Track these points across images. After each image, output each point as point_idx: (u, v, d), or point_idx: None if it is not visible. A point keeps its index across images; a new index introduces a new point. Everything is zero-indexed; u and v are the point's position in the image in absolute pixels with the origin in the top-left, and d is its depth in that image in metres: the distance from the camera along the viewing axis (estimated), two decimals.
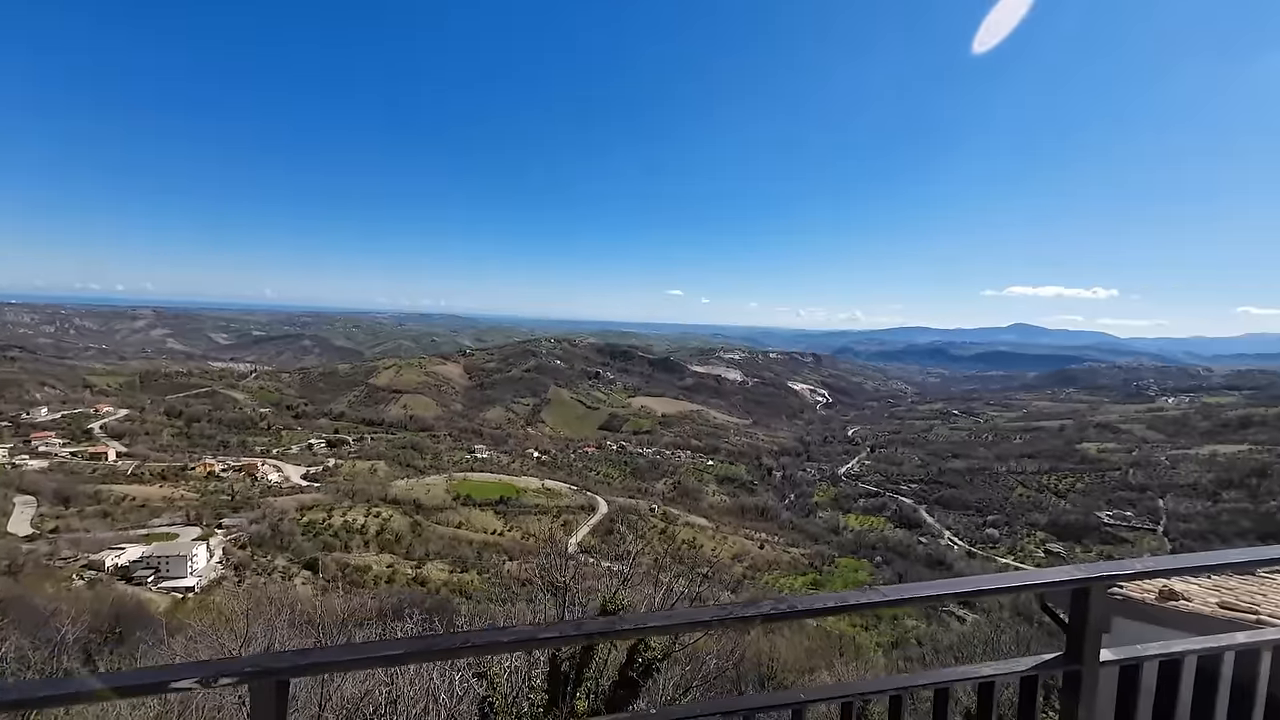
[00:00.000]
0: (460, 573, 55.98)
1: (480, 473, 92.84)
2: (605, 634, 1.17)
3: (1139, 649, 1.32)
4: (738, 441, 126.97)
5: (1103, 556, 67.23)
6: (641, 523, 73.81)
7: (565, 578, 10.11)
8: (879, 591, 1.16)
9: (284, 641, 8.73)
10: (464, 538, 66.35)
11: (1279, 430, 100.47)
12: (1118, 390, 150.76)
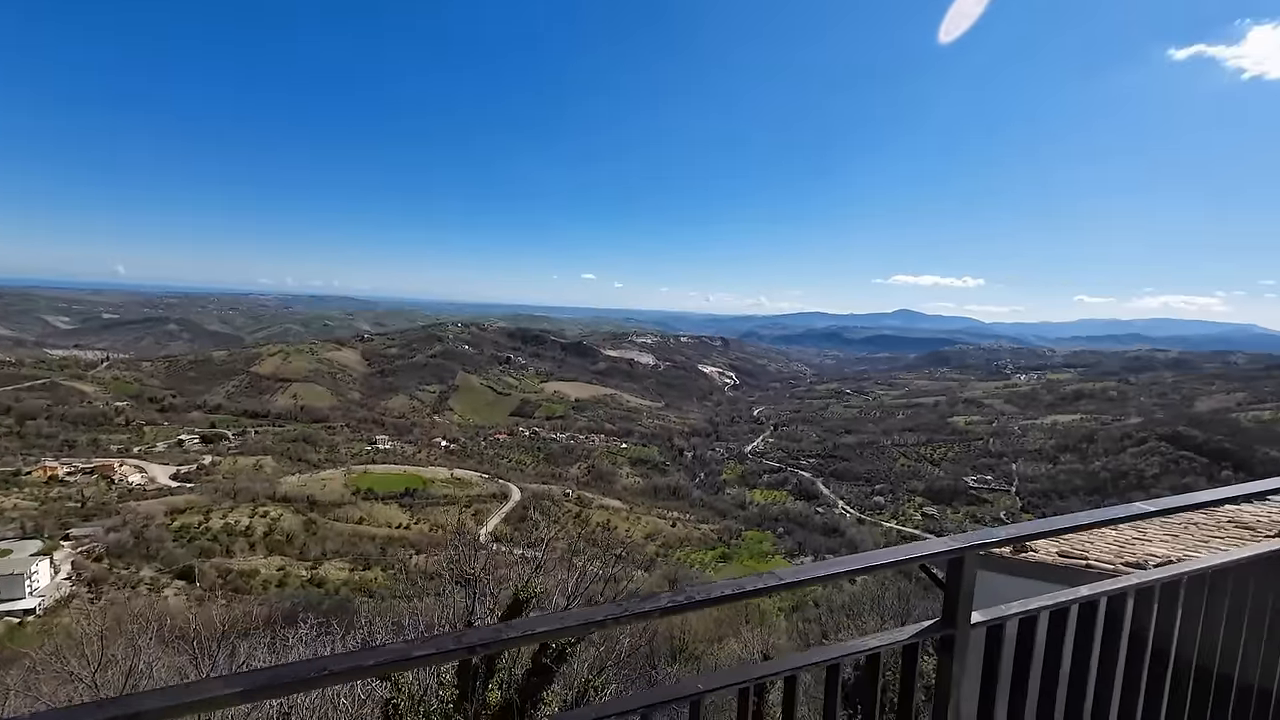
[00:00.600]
0: (362, 570, 52.94)
1: (383, 464, 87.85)
2: (489, 644, 1.07)
3: (1003, 609, 1.47)
4: (650, 424, 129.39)
5: (969, 516, 76.12)
6: (556, 508, 73.46)
7: (476, 569, 9.83)
8: (774, 575, 1.18)
9: (150, 662, 7.76)
10: (365, 533, 62.68)
11: (1105, 402, 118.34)
12: (982, 369, 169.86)
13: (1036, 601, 1.49)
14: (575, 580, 12.16)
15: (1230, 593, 1.65)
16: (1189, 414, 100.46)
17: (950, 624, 1.39)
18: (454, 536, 11.94)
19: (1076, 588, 1.45)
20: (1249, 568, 1.66)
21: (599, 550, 23.42)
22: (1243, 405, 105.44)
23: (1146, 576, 1.49)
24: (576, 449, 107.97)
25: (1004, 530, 1.41)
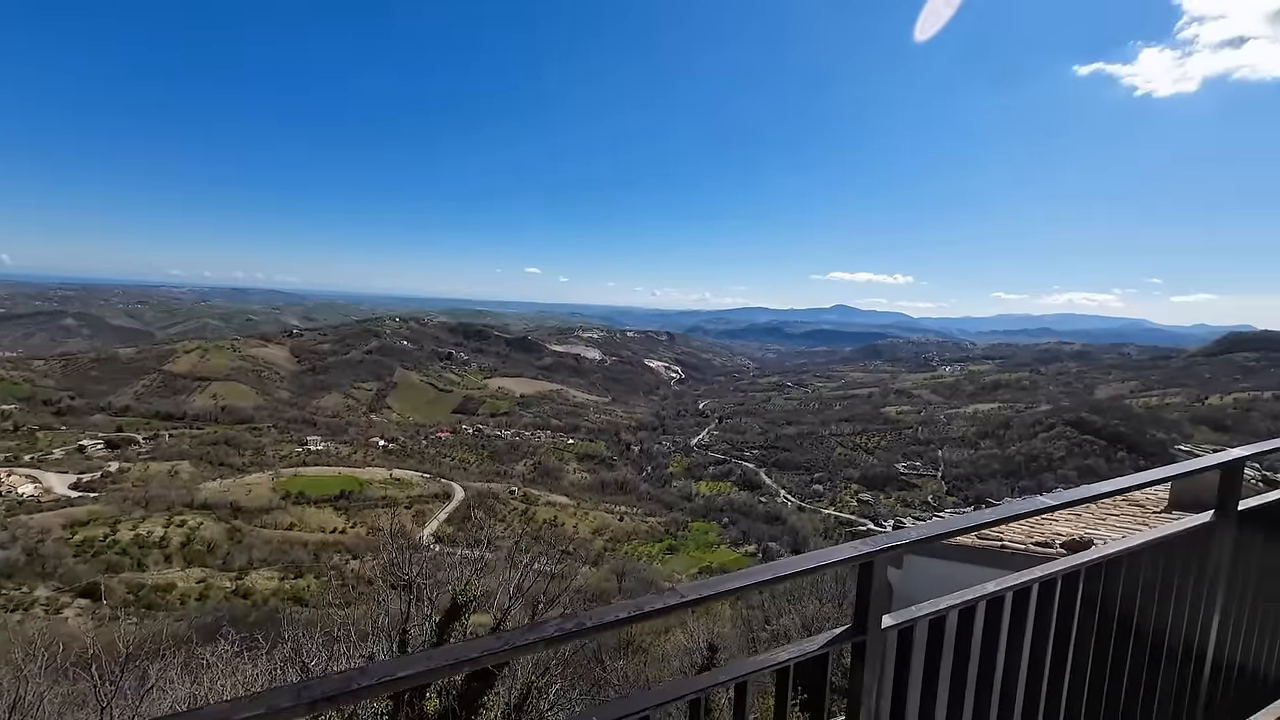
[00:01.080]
0: (293, 579, 50.17)
1: (315, 467, 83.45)
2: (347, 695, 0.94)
3: (914, 610, 1.47)
4: (597, 419, 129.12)
5: (900, 501, 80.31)
6: (501, 506, 72.18)
7: (414, 572, 9.51)
8: (676, 593, 1.11)
9: (41, 692, 7.02)
10: (296, 540, 59.44)
11: (1019, 391, 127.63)
12: (911, 362, 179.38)
13: (946, 601, 1.47)
14: (520, 578, 11.98)
15: (1124, 579, 1.78)
16: (1090, 401, 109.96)
17: (861, 630, 1.37)
18: (392, 539, 11.45)
19: (984, 584, 1.49)
20: (1140, 555, 1.80)
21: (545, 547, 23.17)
22: (1135, 393, 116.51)
23: (1051, 569, 1.58)
24: (522, 446, 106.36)
25: (914, 531, 1.41)
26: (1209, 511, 2.05)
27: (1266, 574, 2.25)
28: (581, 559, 52.45)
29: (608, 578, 46.55)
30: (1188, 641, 2.03)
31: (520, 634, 1.03)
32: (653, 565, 59.26)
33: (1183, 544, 1.93)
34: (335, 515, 67.80)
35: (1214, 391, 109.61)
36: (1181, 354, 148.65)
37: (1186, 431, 79.07)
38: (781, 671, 1.28)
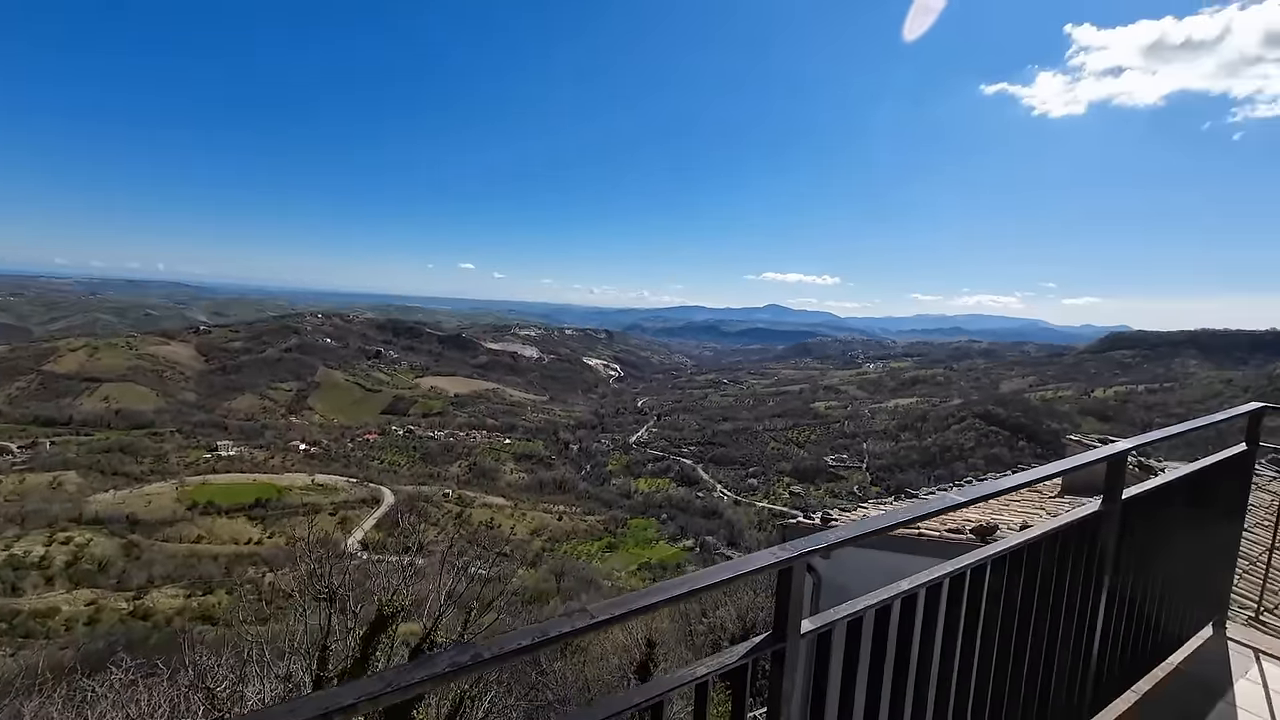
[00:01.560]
0: (202, 595, 46.37)
1: (227, 474, 77.44)
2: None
3: (832, 614, 1.46)
4: (535, 418, 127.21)
5: (828, 492, 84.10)
6: (434, 510, 69.78)
7: (337, 583, 9.00)
8: (586, 614, 1.03)
9: None
10: (205, 553, 54.99)
11: (934, 386, 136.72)
12: (838, 359, 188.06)
13: (863, 602, 1.49)
14: (453, 583, 11.59)
15: (1025, 567, 1.91)
16: (996, 395, 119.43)
17: (780, 637, 1.33)
18: (315, 549, 10.69)
19: (898, 583, 1.53)
20: (1039, 544, 1.93)
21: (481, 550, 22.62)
22: (1033, 387, 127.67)
23: (960, 563, 1.66)
24: (456, 446, 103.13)
25: (832, 535, 1.39)
26: (1098, 499, 2.24)
27: (1146, 554, 2.49)
28: (519, 560, 51.52)
29: (546, 578, 46.01)
30: (1080, 619, 2.20)
31: (405, 672, 0.89)
32: (592, 564, 59.12)
33: (1076, 531, 2.09)
34: (250, 525, 63.21)
35: (1098, 385, 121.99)
36: (1071, 352, 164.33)
37: (1076, 422, 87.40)
38: (700, 687, 1.24)
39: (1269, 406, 3.04)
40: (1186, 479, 2.64)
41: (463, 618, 10.72)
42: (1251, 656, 3.04)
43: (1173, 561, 2.72)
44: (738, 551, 57.19)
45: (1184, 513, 2.70)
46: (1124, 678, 2.62)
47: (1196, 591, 3.02)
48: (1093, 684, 2.33)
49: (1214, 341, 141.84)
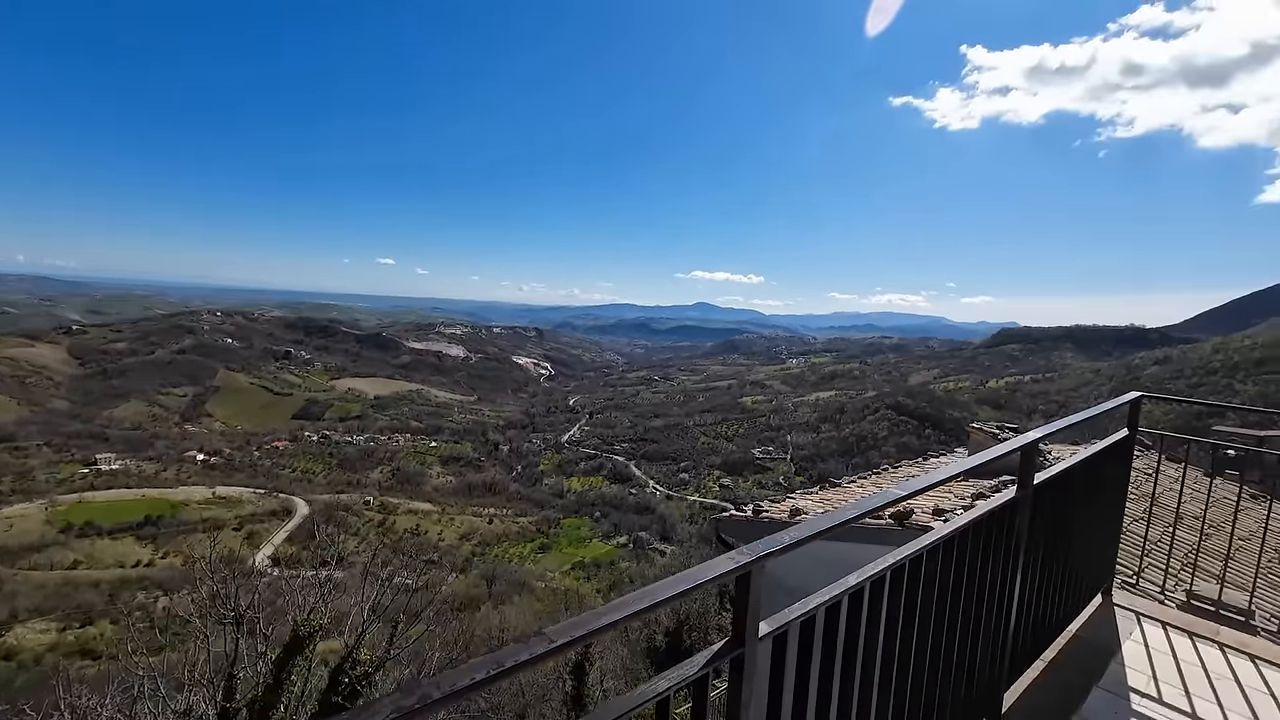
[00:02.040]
0: (79, 628, 41.38)
1: (109, 490, 69.50)
2: None
3: (786, 614, 1.46)
4: (463, 419, 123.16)
5: (756, 484, 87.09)
6: (354, 519, 66.04)
7: (245, 604, 8.29)
8: (544, 638, 0.94)
9: None
10: (83, 580, 49.12)
11: (851, 380, 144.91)
12: (764, 355, 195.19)
13: (814, 600, 1.51)
14: (377, 595, 10.99)
15: (955, 554, 2.02)
16: (905, 387, 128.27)
17: (739, 643, 1.31)
18: (215, 568, 9.72)
19: (845, 578, 1.58)
20: (967, 532, 2.05)
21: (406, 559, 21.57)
22: (937, 379, 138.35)
23: (900, 555, 1.73)
24: (378, 451, 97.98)
25: (788, 534, 1.39)
26: (1013, 486, 2.41)
27: (1053, 534, 2.72)
28: (448, 567, 49.78)
29: (477, 584, 44.76)
30: (999, 597, 2.37)
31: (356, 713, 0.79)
32: (525, 565, 58.09)
33: (997, 517, 2.25)
34: (139, 546, 57.11)
35: (992, 377, 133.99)
36: (969, 346, 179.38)
37: (974, 411, 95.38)
38: (661, 703, 1.19)
39: (1145, 395, 3.41)
40: (1083, 463, 2.91)
41: (388, 632, 10.19)
42: (1134, 619, 3.41)
43: (1072, 539, 3.00)
44: (671, 546, 58.05)
45: (1081, 494, 2.98)
46: (1035, 647, 2.86)
47: (1090, 565, 3.35)
48: (1010, 655, 2.52)
49: (1086, 336, 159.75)
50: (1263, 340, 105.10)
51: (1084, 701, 2.68)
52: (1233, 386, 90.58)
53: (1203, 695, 2.78)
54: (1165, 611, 3.57)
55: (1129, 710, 2.65)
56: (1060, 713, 2.61)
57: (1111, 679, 2.86)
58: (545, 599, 42.34)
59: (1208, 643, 3.22)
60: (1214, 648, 3.18)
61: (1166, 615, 3.49)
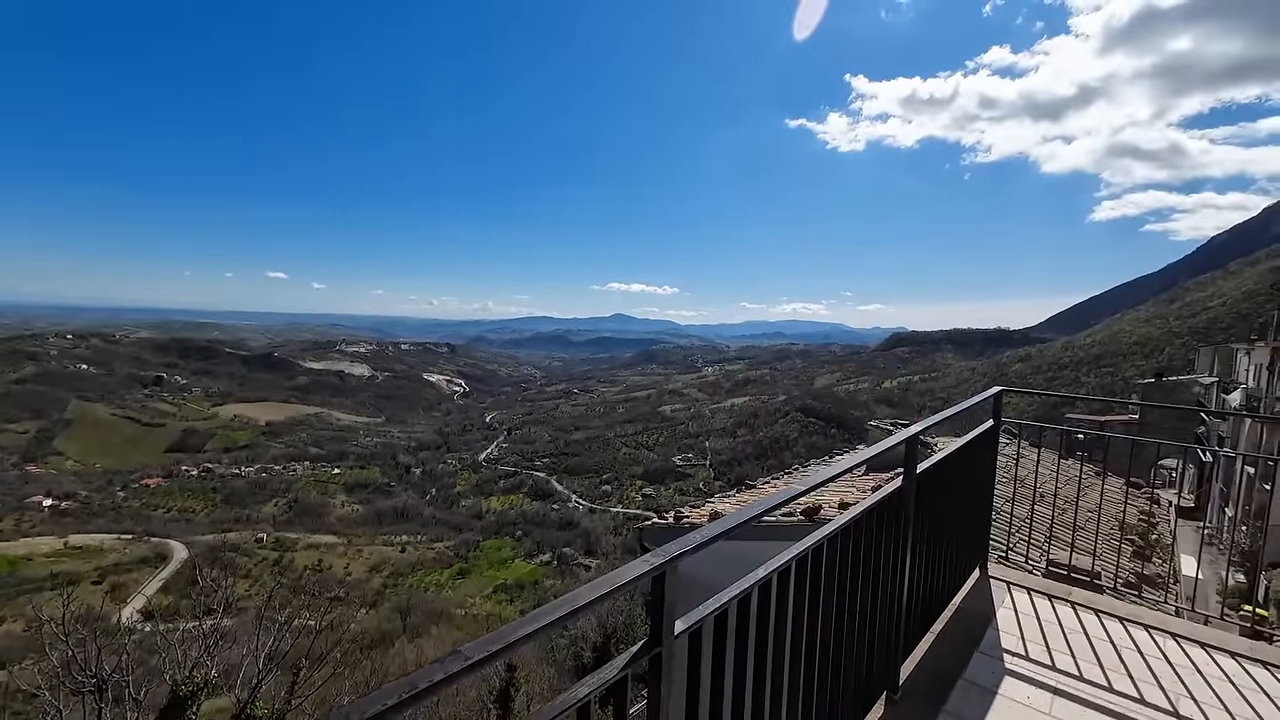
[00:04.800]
0: None
1: None
2: None
3: (701, 610, 1.48)
4: (369, 442, 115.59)
5: (677, 490, 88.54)
6: (244, 559, 59.89)
7: (109, 668, 7.32)
8: (460, 656, 0.90)
9: None
10: None
11: (762, 385, 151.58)
12: (680, 364, 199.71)
13: (726, 594, 1.58)
14: (274, 642, 10.10)
15: (852, 542, 2.21)
16: (812, 390, 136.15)
17: (657, 642, 1.33)
18: (69, 630, 8.39)
19: (755, 571, 1.68)
20: (862, 520, 2.25)
21: (308, 599, 20.01)
22: (839, 382, 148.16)
23: (803, 545, 1.87)
24: (272, 482, 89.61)
25: (698, 535, 1.42)
26: (900, 476, 2.67)
27: (935, 517, 3.03)
28: (356, 603, 46.35)
29: (390, 618, 42.00)
30: (892, 579, 2.60)
31: None
32: (443, 593, 55.28)
33: (887, 505, 2.48)
34: None
35: (887, 378, 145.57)
36: (866, 350, 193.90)
37: (873, 409, 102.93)
38: (583, 708, 1.19)
39: (1006, 390, 3.89)
40: (957, 452, 3.27)
41: (289, 680, 9.35)
42: (1005, 588, 3.85)
43: (952, 520, 3.35)
44: (596, 560, 57.51)
45: (957, 480, 3.34)
46: (925, 620, 3.15)
47: (968, 542, 3.75)
48: (904, 630, 2.77)
49: (963, 338, 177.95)
50: (1099, 338, 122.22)
51: (967, 666, 2.99)
52: (1079, 379, 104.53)
53: (1060, 649, 3.19)
54: (1030, 579, 4.06)
55: (1003, 669, 2.99)
56: (948, 679, 2.90)
57: (988, 643, 3.21)
58: (467, 626, 40.52)
59: (1063, 603, 3.70)
60: (1068, 607, 3.66)
61: (1031, 582, 3.97)
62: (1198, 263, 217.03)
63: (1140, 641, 3.30)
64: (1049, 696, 2.79)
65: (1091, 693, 2.83)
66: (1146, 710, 2.72)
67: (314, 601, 19.43)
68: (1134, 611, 3.65)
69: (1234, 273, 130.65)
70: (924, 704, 2.71)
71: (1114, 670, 3.01)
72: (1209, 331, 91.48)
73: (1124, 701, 2.78)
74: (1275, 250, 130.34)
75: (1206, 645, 3.28)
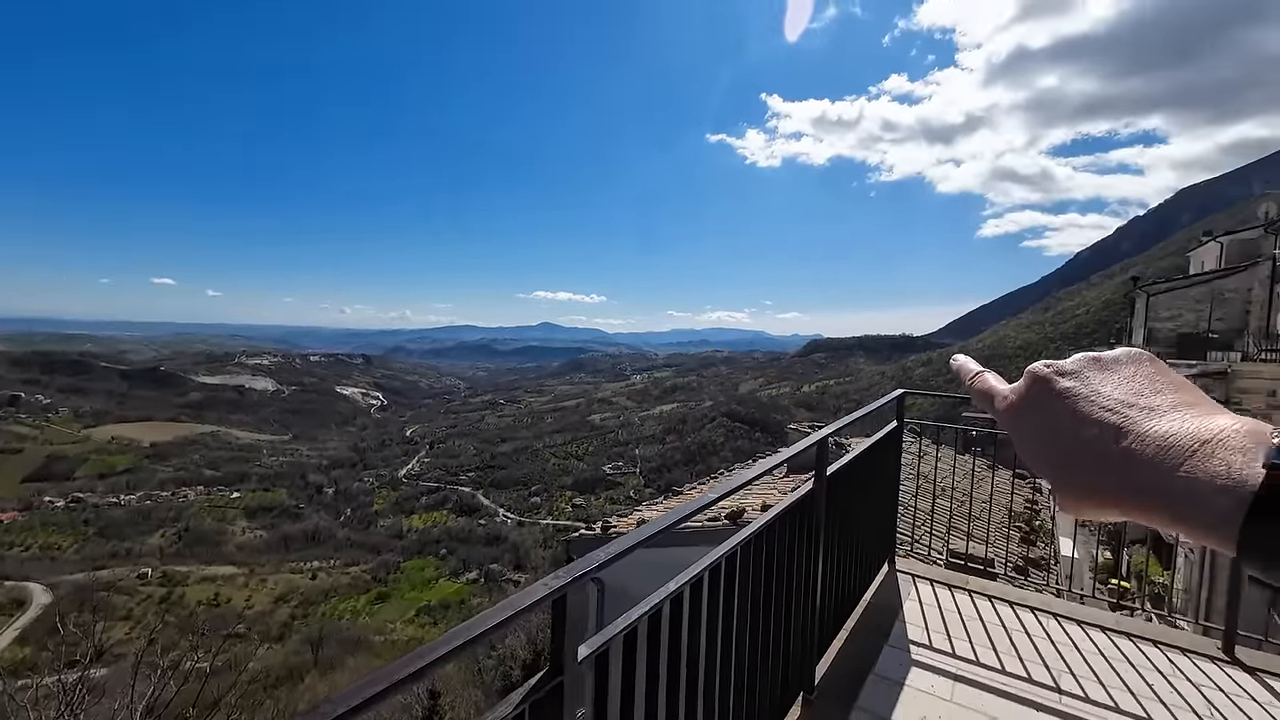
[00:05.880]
0: None
1: None
2: None
3: (609, 630, 1.42)
4: (274, 462, 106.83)
5: (608, 500, 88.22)
6: (124, 600, 53.45)
7: None
8: (329, 704, 0.78)
9: None
10: None
11: (690, 391, 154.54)
12: (609, 373, 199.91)
13: (636, 612, 1.51)
14: (155, 691, 9.09)
15: (766, 544, 2.22)
16: (736, 395, 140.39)
17: (558, 671, 1.22)
18: None
19: (666, 585, 1.63)
20: (775, 524, 2.27)
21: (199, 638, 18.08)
22: (761, 387, 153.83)
23: (716, 555, 1.85)
24: (158, 511, 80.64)
25: (601, 553, 1.34)
26: (811, 477, 2.73)
27: (845, 517, 3.14)
28: (258, 638, 42.51)
29: (299, 650, 38.85)
30: (806, 580, 2.65)
31: None
32: (360, 621, 51.81)
33: (800, 507, 2.53)
34: None
35: (805, 382, 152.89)
36: (786, 357, 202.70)
37: (793, 413, 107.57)
38: None
39: (907, 391, 4.12)
40: (864, 454, 3.41)
41: None
42: (910, 580, 4.05)
43: (861, 518, 3.48)
44: (524, 575, 56.03)
45: (865, 480, 3.48)
46: (838, 618, 3.25)
47: (877, 539, 3.92)
48: (818, 630, 2.83)
49: (873, 344, 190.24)
50: (988, 343, 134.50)
51: (877, 661, 3.11)
52: None
53: (959, 636, 3.39)
54: (933, 570, 4.30)
55: (910, 661, 3.13)
56: (859, 675, 2.99)
57: (897, 635, 3.35)
58: (386, 654, 38.14)
59: (961, 591, 3.95)
60: (966, 595, 3.91)
61: (934, 573, 4.21)
62: (1066, 276, 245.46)
63: (1028, 623, 3.57)
64: (950, 683, 2.94)
65: (987, 676, 3.02)
66: (1034, 689, 2.93)
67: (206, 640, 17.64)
68: (1022, 595, 3.95)
69: (1095, 284, 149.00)
70: (838, 702, 2.78)
71: (1006, 653, 3.23)
72: (1076, 336, 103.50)
73: (1015, 682, 2.98)
74: (1127, 264, 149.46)
75: (1082, 622, 3.60)
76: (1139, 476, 0.29)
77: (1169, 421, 0.31)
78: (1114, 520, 0.33)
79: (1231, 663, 3.22)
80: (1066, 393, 0.34)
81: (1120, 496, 0.31)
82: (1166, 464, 0.28)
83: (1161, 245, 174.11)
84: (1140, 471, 0.29)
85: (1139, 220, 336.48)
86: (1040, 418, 0.36)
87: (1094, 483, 0.32)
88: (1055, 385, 0.34)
